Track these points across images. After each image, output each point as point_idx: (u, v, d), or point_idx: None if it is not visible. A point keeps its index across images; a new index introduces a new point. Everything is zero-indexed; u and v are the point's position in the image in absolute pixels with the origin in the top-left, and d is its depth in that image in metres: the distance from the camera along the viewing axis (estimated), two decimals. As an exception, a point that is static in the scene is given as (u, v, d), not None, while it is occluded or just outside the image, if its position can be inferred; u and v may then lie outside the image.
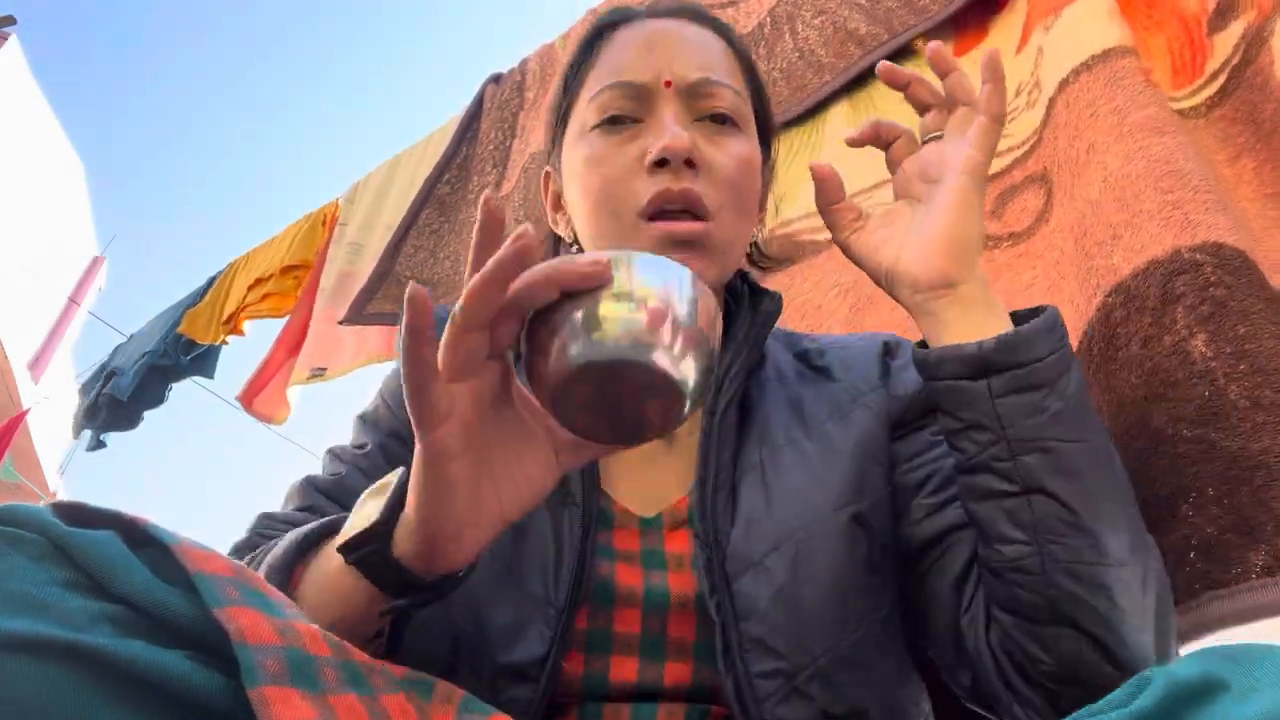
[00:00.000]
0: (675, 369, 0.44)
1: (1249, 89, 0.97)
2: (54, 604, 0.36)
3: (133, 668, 0.35)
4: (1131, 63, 0.99)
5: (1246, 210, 0.91)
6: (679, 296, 0.45)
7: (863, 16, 1.45)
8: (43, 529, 0.39)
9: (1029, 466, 0.57)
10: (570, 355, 0.44)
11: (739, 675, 0.59)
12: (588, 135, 0.72)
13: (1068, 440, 0.57)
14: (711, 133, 0.71)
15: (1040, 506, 0.57)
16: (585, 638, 0.62)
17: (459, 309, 0.45)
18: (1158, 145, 0.89)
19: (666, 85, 0.70)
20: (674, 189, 0.67)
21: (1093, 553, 0.56)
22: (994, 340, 0.58)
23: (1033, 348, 0.57)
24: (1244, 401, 0.70)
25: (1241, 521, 0.67)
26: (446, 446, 0.47)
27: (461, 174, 1.99)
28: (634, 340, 0.43)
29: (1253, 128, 0.96)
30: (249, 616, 0.38)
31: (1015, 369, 0.57)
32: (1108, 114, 0.96)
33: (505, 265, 0.44)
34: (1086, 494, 0.56)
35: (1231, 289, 0.75)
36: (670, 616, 0.63)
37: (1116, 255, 0.86)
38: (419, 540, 0.49)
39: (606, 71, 0.73)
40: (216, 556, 0.42)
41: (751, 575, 0.62)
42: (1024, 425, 0.57)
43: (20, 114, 7.18)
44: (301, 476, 0.75)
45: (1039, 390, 0.57)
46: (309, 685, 0.38)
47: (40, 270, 7.36)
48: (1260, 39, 0.97)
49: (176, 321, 2.45)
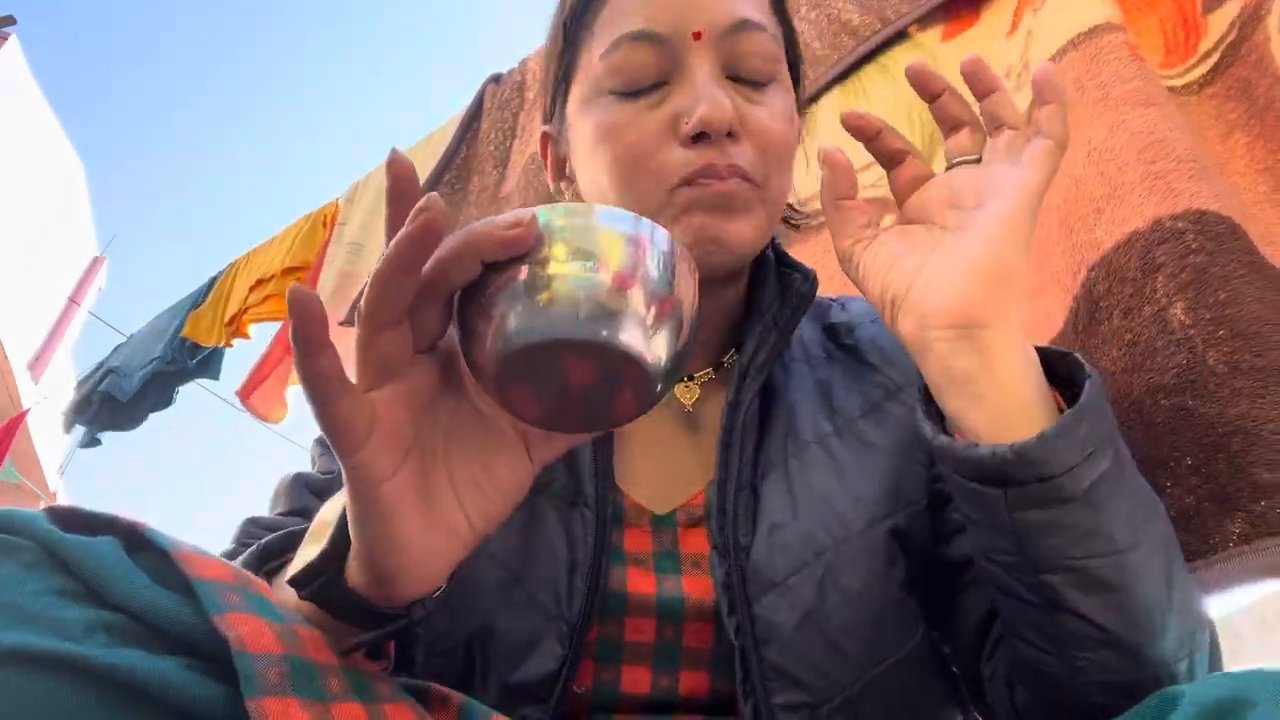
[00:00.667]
0: (633, 341, 0.36)
1: (1243, 65, 0.96)
2: (47, 614, 0.35)
3: (129, 678, 0.34)
4: (1118, 38, 0.97)
5: (1238, 184, 0.90)
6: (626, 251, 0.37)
7: (856, 6, 1.45)
8: (36, 536, 0.38)
9: (1052, 585, 0.47)
10: (505, 337, 0.36)
11: (759, 704, 0.55)
12: (602, 99, 0.61)
13: (1101, 555, 0.46)
14: (750, 89, 0.61)
15: (1067, 624, 0.48)
16: (595, 647, 0.58)
17: (365, 302, 0.37)
18: (1140, 118, 0.87)
19: (696, 38, 0.59)
20: (719, 164, 0.57)
21: (1130, 666, 0.48)
22: (1010, 451, 0.45)
23: (1058, 457, 0.45)
24: (1222, 367, 0.68)
25: (1219, 490, 0.66)
26: (373, 469, 0.38)
27: (462, 174, 1.99)
28: (574, 313, 0.36)
29: (1246, 104, 0.95)
30: (250, 623, 0.38)
31: (1035, 483, 0.46)
32: (1093, 89, 0.94)
33: (411, 246, 0.36)
34: (1125, 609, 0.47)
35: (1213, 255, 0.74)
36: (686, 624, 0.59)
37: (1099, 229, 0.84)
38: (369, 572, 0.41)
39: (620, 18, 0.60)
40: (217, 562, 0.41)
41: (774, 596, 0.57)
42: (1046, 545, 0.47)
43: (20, 114, 7.19)
44: (291, 473, 0.67)
45: (1065, 504, 0.46)
46: (311, 694, 0.37)
47: (40, 270, 7.35)
48: (1257, 16, 0.96)
49: (180, 325, 2.45)
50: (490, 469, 0.43)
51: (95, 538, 0.39)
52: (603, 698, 0.58)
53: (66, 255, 8.33)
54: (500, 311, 0.36)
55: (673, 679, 0.58)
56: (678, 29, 0.59)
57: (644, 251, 0.37)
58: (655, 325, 0.37)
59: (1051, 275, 0.95)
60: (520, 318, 0.36)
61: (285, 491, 0.66)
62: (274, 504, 0.67)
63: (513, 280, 0.36)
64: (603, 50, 0.60)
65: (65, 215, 8.31)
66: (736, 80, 0.60)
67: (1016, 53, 1.18)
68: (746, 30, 0.60)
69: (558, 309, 0.36)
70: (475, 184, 1.93)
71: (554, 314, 0.36)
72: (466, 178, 1.97)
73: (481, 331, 0.37)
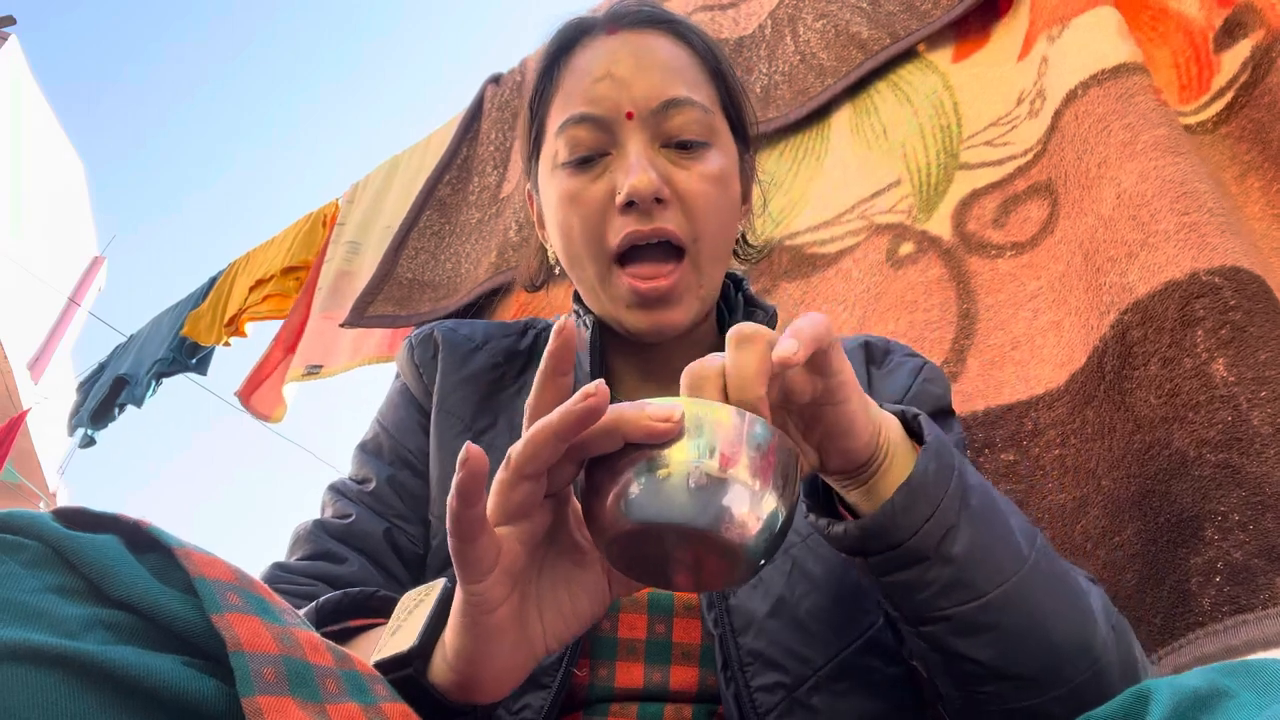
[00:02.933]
0: (739, 535, 0.40)
1: (1257, 108, 0.98)
2: (47, 611, 0.35)
3: (126, 675, 0.34)
4: (1143, 80, 1.00)
5: (1254, 230, 0.93)
6: (752, 457, 0.40)
7: (864, 20, 1.45)
8: (39, 534, 0.38)
9: (932, 634, 0.52)
10: (628, 509, 0.40)
11: (739, 689, 0.59)
12: (559, 171, 0.70)
13: (966, 602, 0.50)
14: (679, 155, 0.69)
15: (960, 665, 0.53)
16: (591, 644, 0.62)
17: (517, 456, 0.42)
18: (1172, 166, 0.90)
19: (629, 117, 0.68)
20: (643, 230, 0.66)
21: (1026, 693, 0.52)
22: (857, 528, 0.50)
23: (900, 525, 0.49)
24: (1267, 428, 0.71)
25: (1267, 547, 0.68)
26: (492, 596, 0.43)
27: (462, 175, 1.99)
28: (696, 505, 0.39)
29: (1260, 147, 0.97)
30: (248, 624, 0.38)
31: (887, 551, 0.50)
32: (1119, 130, 0.96)
33: (572, 422, 0.40)
34: (1001, 644, 0.51)
35: (1251, 314, 0.76)
36: (676, 620, 0.63)
37: (1132, 274, 0.87)
38: (457, 675, 0.45)
39: (567, 101, 0.71)
40: (219, 561, 0.41)
41: (748, 587, 0.61)
42: (914, 601, 0.52)
43: (20, 114, 7.17)
44: (310, 520, 0.71)
45: (920, 564, 0.50)
46: (308, 694, 0.37)
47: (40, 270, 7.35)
48: (1269, 59, 0.98)
49: (180, 325, 2.46)
50: (574, 597, 0.47)
51: (99, 535, 0.40)
52: (598, 692, 0.61)
53: (66, 255, 8.32)
54: (626, 480, 0.41)
55: (664, 674, 0.61)
56: (613, 111, 0.68)
57: (768, 458, 0.41)
58: (762, 524, 0.40)
59: (1072, 310, 0.96)
60: (644, 494, 0.40)
61: (306, 538, 0.70)
62: (293, 548, 0.70)
63: (644, 458, 0.40)
64: (556, 128, 0.70)
65: (65, 215, 8.31)
66: (670, 148, 0.69)
67: (1030, 78, 1.20)
68: (674, 107, 0.68)
69: (678, 495, 0.40)
70: (475, 184, 1.93)
71: (674, 499, 0.40)
72: (467, 178, 1.97)
73: (606, 492, 0.41)
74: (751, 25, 1.62)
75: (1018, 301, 1.06)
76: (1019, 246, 1.10)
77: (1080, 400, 0.92)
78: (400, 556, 0.70)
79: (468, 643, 0.44)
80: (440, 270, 1.84)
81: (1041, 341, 1.00)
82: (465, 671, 0.45)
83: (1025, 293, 1.05)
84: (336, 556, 0.68)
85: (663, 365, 0.74)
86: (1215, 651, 0.67)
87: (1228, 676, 0.38)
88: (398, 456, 0.74)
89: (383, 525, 0.70)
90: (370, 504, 0.71)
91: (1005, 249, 1.11)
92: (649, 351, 0.74)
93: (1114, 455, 0.85)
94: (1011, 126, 1.20)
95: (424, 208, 1.94)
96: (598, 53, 0.71)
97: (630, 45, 0.71)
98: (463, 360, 0.76)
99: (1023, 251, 1.09)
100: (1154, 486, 0.78)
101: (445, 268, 1.83)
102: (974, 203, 1.18)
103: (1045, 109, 1.12)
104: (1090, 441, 0.89)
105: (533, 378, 0.73)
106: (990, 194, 1.17)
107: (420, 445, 0.74)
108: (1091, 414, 0.90)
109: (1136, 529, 0.80)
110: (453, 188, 1.98)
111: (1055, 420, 0.94)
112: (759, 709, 0.58)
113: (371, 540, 0.69)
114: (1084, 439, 0.90)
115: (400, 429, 0.75)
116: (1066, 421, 0.92)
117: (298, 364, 2.04)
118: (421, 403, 0.76)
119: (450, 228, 1.90)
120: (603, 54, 0.71)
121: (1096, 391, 0.90)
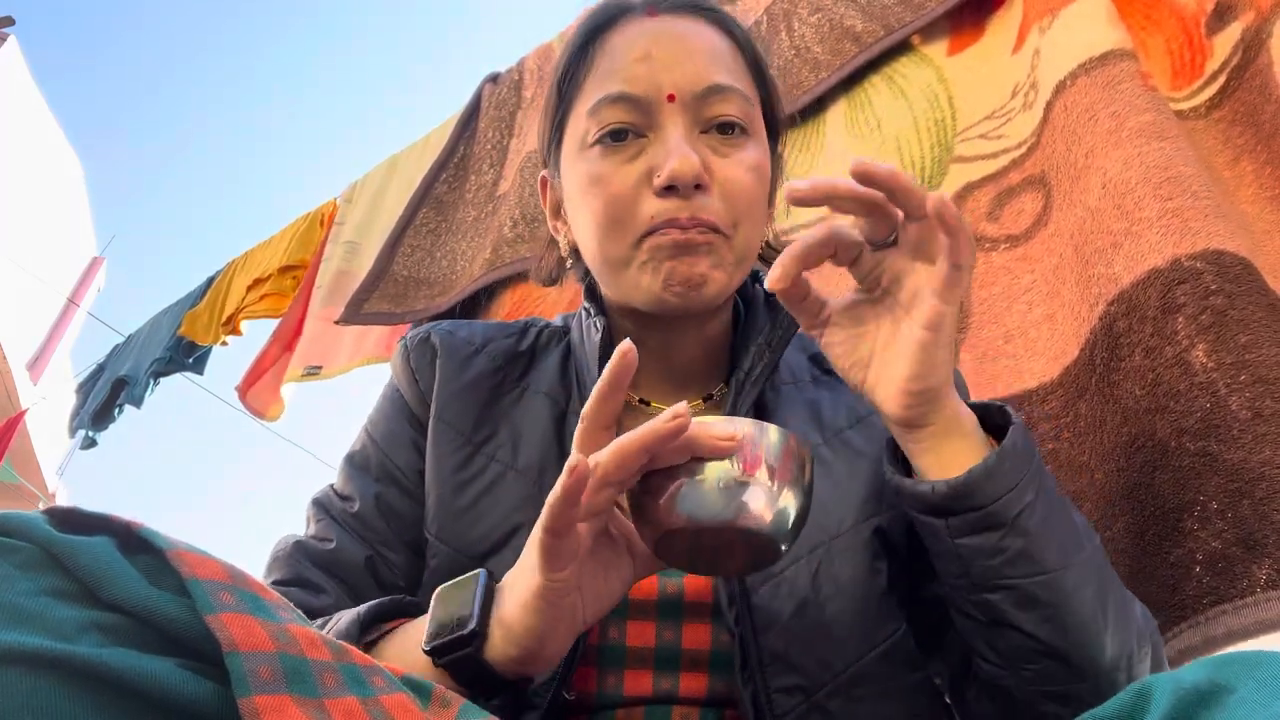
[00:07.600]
0: (778, 532, 0.49)
1: (1248, 91, 0.97)
2: (41, 613, 0.35)
3: (121, 677, 0.34)
4: (1130, 66, 0.98)
5: (1247, 213, 0.91)
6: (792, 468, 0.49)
7: (859, 13, 1.45)
8: (32, 537, 0.38)
9: (992, 603, 0.56)
10: (682, 509, 0.48)
11: (758, 690, 0.58)
12: (589, 151, 0.67)
13: (1032, 576, 0.54)
14: (719, 142, 0.66)
15: (1009, 638, 0.56)
16: (597, 654, 0.61)
17: (605, 466, 0.47)
18: (1156, 151, 0.88)
19: (670, 99, 0.65)
20: (682, 217, 0.63)
21: (1070, 675, 0.56)
22: (946, 485, 0.54)
23: (986, 490, 0.54)
24: (1245, 412, 0.70)
25: (1245, 535, 0.67)
26: (568, 584, 0.49)
27: (459, 173, 1.99)
28: (746, 509, 0.48)
29: (1253, 130, 0.96)
30: (242, 622, 0.38)
31: (969, 512, 0.54)
32: (1106, 119, 0.95)
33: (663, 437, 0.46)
34: (1057, 622, 0.55)
35: (1232, 297, 0.75)
36: (685, 625, 0.61)
37: (1117, 264, 0.86)
38: (519, 651, 0.51)
39: (604, 80, 0.67)
40: (211, 560, 0.41)
41: (772, 586, 0.61)
42: (984, 566, 0.55)
43: (20, 114, 7.16)
44: (290, 540, 0.70)
45: (997, 530, 0.54)
46: (305, 690, 0.37)
47: (40, 270, 7.35)
48: (1259, 40, 0.96)
49: (178, 324, 2.46)
50: (608, 579, 0.53)
51: (91, 538, 0.40)
52: (607, 702, 0.60)
53: (66, 255, 8.32)
54: (680, 483, 0.48)
55: (674, 681, 0.61)
56: (654, 91, 0.66)
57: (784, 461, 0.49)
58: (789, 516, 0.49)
59: (1065, 304, 0.95)
60: (697, 496, 0.48)
61: (284, 560, 0.68)
62: (270, 568, 0.69)
63: (701, 469, 0.48)
64: (588, 107, 0.67)
65: (65, 215, 8.30)
66: (709, 133, 0.67)
67: (1023, 71, 1.19)
68: (717, 93, 0.66)
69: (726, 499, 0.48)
70: (472, 183, 1.93)
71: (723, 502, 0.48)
72: (464, 176, 1.97)
73: (661, 493, 0.49)
74: (748, 20, 1.62)
75: (1012, 295, 1.05)
76: (1013, 239, 1.09)
77: (1073, 394, 0.91)
78: (380, 586, 0.68)
79: (539, 623, 0.50)
80: (436, 268, 1.84)
81: (1035, 335, 1.00)
82: (531, 648, 0.50)
83: (1019, 286, 1.05)
84: (313, 585, 0.66)
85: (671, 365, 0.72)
86: (1196, 642, 0.67)
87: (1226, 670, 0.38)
88: (385, 473, 0.72)
89: (364, 553, 0.68)
90: (354, 528, 0.69)
91: (999, 242, 1.11)
92: (659, 352, 0.71)
93: (1105, 449, 0.84)
94: (1006, 119, 1.19)
95: (420, 205, 1.94)
96: (639, 33, 0.68)
97: (672, 29, 0.68)
98: (461, 365, 0.74)
99: (1017, 244, 1.08)
100: (1140, 479, 0.78)
101: (441, 265, 1.83)
102: (968, 196, 1.17)
103: (1038, 101, 1.11)
104: (1083, 435, 0.88)
105: (534, 381, 0.74)
106: (984, 187, 1.17)
107: (410, 462, 0.72)
108: (1084, 407, 0.89)
109: (1126, 523, 0.79)
110: (449, 186, 1.98)
111: (1049, 414, 0.93)
112: (776, 711, 0.58)
113: (353, 571, 0.68)
114: (1077, 433, 0.89)
115: (390, 442, 0.73)
116: (1060, 415, 0.92)
117: (296, 364, 2.04)
118: (416, 411, 0.74)
119: (447, 225, 1.90)
120: (643, 35, 0.68)
121: (1088, 384, 0.89)
